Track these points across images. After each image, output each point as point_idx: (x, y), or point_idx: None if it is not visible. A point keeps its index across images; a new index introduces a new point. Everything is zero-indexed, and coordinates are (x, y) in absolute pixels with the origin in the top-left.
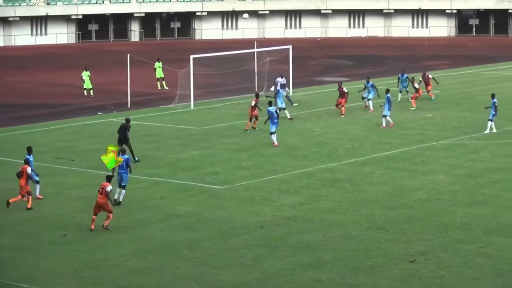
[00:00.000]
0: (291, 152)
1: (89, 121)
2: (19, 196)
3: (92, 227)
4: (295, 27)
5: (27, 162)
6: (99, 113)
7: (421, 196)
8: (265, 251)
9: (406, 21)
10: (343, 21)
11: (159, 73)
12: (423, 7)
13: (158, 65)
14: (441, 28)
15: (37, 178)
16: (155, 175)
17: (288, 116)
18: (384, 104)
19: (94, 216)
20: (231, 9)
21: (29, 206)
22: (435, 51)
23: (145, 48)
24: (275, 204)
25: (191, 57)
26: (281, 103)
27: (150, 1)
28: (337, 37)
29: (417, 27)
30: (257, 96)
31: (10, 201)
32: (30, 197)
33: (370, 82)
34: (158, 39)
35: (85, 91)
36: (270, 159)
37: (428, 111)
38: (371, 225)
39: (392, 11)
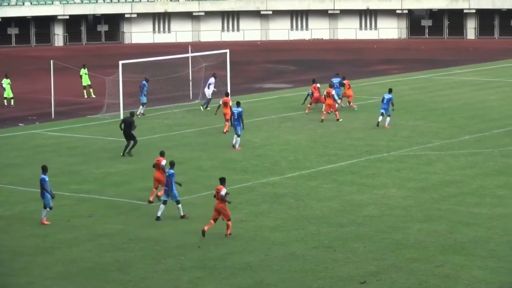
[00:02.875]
0: (229, 166)
1: (9, 133)
2: (154, 190)
3: (206, 228)
4: (233, 30)
5: (43, 182)
6: (20, 124)
7: (371, 211)
8: (202, 273)
9: (353, 22)
10: (284, 23)
11: (86, 81)
12: (371, 7)
13: (84, 71)
14: (391, 30)
15: (51, 204)
16: (82, 191)
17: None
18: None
19: (212, 221)
20: (163, 11)
21: (151, 199)
22: (385, 55)
23: (70, 53)
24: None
25: (120, 62)
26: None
27: (75, 3)
28: (278, 40)
29: (365, 28)
30: (227, 94)
31: (150, 198)
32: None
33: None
34: (84, 43)
35: (5, 101)
36: (207, 173)
37: (376, 120)
38: (317, 244)
39: (338, 11)
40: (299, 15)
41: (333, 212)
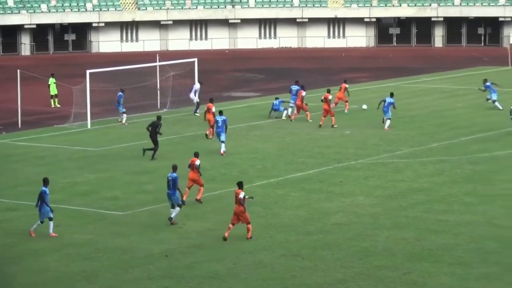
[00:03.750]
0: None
1: None
2: (201, 188)
3: (226, 235)
4: (201, 39)
5: (44, 194)
6: None
7: (339, 219)
8: (170, 282)
9: (322, 30)
10: (253, 32)
11: (53, 90)
12: (339, 16)
13: (52, 81)
14: (360, 38)
15: (51, 215)
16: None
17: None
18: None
19: (230, 225)
20: (130, 20)
21: (198, 197)
22: (353, 63)
23: (37, 63)
24: (181, 231)
25: (87, 72)
26: None
27: (42, 12)
28: (246, 49)
29: (334, 37)
30: (211, 100)
31: (197, 198)
32: (202, 189)
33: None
34: (51, 52)
35: None
36: None
37: (346, 128)
38: (285, 252)
39: (306, 20)
40: (267, 24)
41: (301, 220)
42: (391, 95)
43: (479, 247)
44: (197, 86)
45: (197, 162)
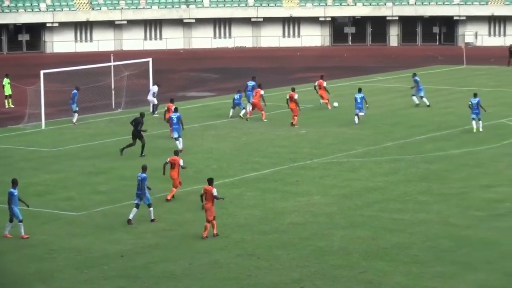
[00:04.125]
0: (153, 174)
1: None
2: (173, 189)
3: (205, 235)
4: (156, 38)
5: (11, 196)
6: None
7: (295, 219)
8: (126, 282)
9: (276, 30)
10: (207, 31)
11: (8, 90)
12: (294, 15)
13: (6, 81)
14: (315, 37)
15: (20, 217)
16: (3, 201)
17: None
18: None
19: (207, 224)
20: (85, 20)
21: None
22: (308, 62)
23: None
24: (136, 231)
25: (42, 72)
26: None
27: None
28: (201, 49)
29: (289, 36)
30: (171, 101)
31: (168, 197)
32: (175, 190)
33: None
34: (5, 53)
35: None
36: (130, 182)
37: (301, 127)
38: (241, 252)
39: (261, 19)
40: (222, 23)
41: (257, 220)
42: (359, 90)
43: (434, 245)
44: (155, 88)
45: (181, 162)
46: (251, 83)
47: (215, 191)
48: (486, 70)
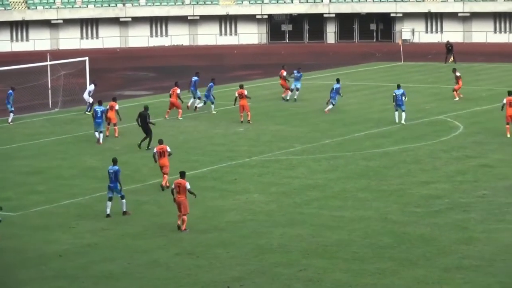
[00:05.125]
0: (90, 174)
1: None
2: (165, 176)
3: (179, 222)
4: (92, 37)
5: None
6: None
7: (234, 217)
8: (64, 282)
9: (213, 28)
10: (144, 30)
11: None
12: (231, 13)
13: None
14: (252, 35)
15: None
16: None
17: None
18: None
19: (179, 213)
20: (20, 19)
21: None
22: (246, 60)
23: None
24: (74, 231)
25: None
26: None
27: None
28: (138, 47)
29: (225, 34)
30: (114, 99)
31: (163, 183)
32: (166, 176)
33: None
34: None
35: None
36: (67, 182)
37: (239, 125)
38: (180, 251)
39: (198, 17)
40: (158, 22)
41: (195, 219)
42: (337, 81)
43: (374, 242)
44: (91, 87)
45: (168, 148)
46: (194, 78)
47: (188, 185)
48: (424, 66)
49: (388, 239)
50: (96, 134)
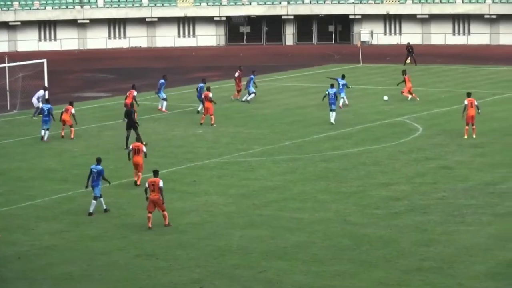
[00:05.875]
0: (49, 175)
1: None
2: (139, 174)
3: (150, 225)
4: (50, 39)
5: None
6: None
7: (193, 219)
8: (23, 284)
9: (171, 30)
10: (102, 32)
11: None
12: (189, 15)
13: None
14: (210, 37)
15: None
16: None
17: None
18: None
19: (149, 214)
20: None
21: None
22: (204, 62)
23: None
24: (33, 233)
25: None
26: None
27: None
28: (96, 49)
29: (184, 36)
30: (71, 103)
31: (138, 183)
32: (141, 174)
33: None
34: None
35: None
36: (26, 184)
37: (198, 127)
38: (139, 252)
39: (156, 19)
40: (116, 24)
41: (155, 220)
42: (343, 77)
43: (333, 244)
44: (40, 92)
45: (144, 148)
46: (161, 81)
47: (161, 183)
48: (382, 68)
49: (348, 241)
50: (42, 131)
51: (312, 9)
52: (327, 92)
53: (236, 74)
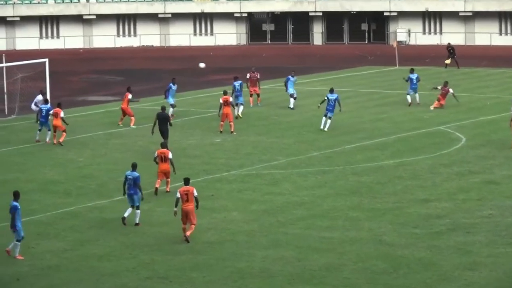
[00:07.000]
0: (50, 188)
1: None
2: (169, 180)
3: (185, 236)
4: (52, 37)
5: (14, 210)
6: None
7: (211, 237)
8: None
9: (187, 27)
10: (110, 29)
11: None
12: (206, 11)
13: None
14: (229, 35)
15: (22, 234)
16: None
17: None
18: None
19: (184, 226)
20: None
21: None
22: (222, 63)
23: None
24: (33, 251)
25: None
26: None
27: None
28: (103, 48)
29: (200, 34)
30: (59, 105)
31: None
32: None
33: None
34: None
35: None
36: (26, 197)
37: (216, 135)
38: (151, 274)
39: (169, 15)
40: (126, 20)
41: (168, 239)
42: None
43: (367, 267)
44: (38, 97)
45: (170, 154)
46: (169, 85)
47: (195, 192)
48: (421, 71)
49: (383, 263)
50: (37, 133)
51: (342, 5)
52: (326, 98)
53: (248, 76)
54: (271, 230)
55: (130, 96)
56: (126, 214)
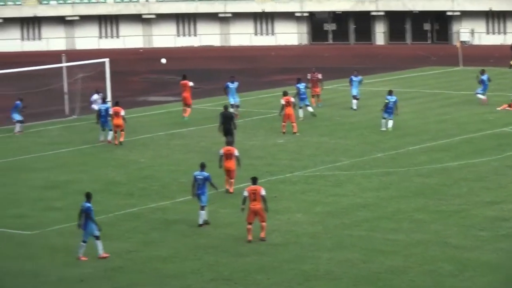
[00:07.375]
0: (113, 189)
1: None
2: (232, 181)
3: (250, 237)
4: (112, 36)
5: (88, 211)
6: None
7: (274, 239)
8: None
9: (247, 26)
10: (170, 28)
11: None
12: (267, 10)
13: None
14: (291, 35)
15: (98, 233)
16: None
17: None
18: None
19: (249, 226)
20: (32, 15)
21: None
22: (284, 63)
23: None
24: (96, 253)
25: None
26: None
27: None
28: (163, 48)
29: (261, 33)
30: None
31: (231, 190)
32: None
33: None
34: None
35: None
36: None
37: (279, 136)
38: (215, 276)
39: (230, 15)
40: (186, 19)
41: (233, 240)
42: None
43: (433, 270)
44: (94, 97)
45: (236, 152)
46: (232, 85)
47: (263, 191)
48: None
49: (449, 266)
50: (101, 136)
51: (405, 5)
52: (387, 100)
53: (308, 76)
54: (335, 232)
55: (191, 83)
56: (201, 221)
